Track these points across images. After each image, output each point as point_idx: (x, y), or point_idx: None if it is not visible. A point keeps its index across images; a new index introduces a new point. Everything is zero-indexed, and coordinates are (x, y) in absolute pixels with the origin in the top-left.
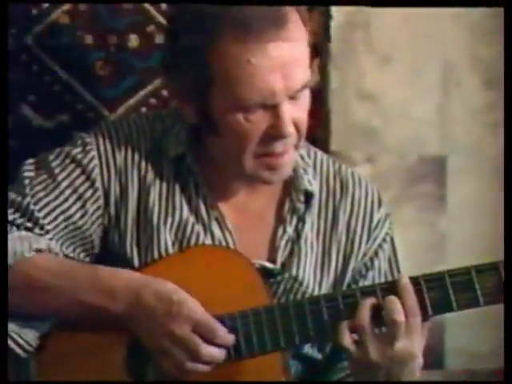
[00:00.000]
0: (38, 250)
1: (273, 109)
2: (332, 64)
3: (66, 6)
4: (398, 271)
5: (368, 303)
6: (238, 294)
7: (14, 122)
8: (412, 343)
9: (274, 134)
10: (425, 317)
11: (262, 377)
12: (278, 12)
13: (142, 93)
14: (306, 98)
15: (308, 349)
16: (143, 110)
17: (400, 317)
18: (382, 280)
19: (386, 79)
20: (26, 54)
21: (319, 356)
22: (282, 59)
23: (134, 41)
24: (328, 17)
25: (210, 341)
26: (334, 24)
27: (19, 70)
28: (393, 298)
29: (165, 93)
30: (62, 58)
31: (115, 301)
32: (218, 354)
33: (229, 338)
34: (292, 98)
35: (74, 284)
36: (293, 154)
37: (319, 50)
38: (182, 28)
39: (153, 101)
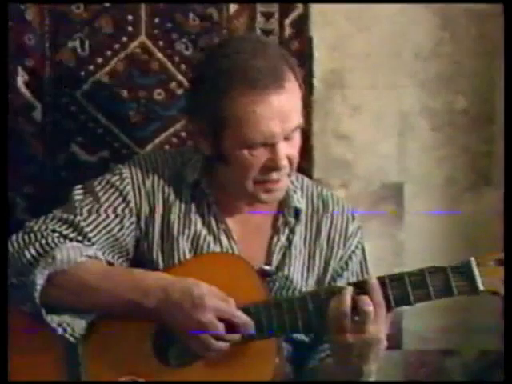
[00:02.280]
0: (88, 257)
1: (271, 146)
2: (314, 112)
3: (107, 69)
4: (367, 272)
5: (350, 291)
6: (241, 290)
7: (65, 158)
8: (379, 329)
9: (271, 166)
10: (388, 309)
11: (259, 357)
12: (278, 72)
13: (165, 134)
14: (297, 138)
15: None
16: (166, 147)
17: (369, 307)
18: (355, 279)
19: (357, 124)
20: (76, 106)
21: (306, 338)
22: (280, 108)
23: (159, 94)
24: (311, 75)
25: (229, 322)
26: (316, 82)
27: (70, 118)
28: (364, 296)
29: (183, 134)
30: (104, 108)
31: (147, 297)
32: (236, 334)
33: (244, 318)
34: (287, 138)
35: (115, 284)
36: (286, 181)
37: (305, 101)
38: (201, 82)
39: (174, 140)
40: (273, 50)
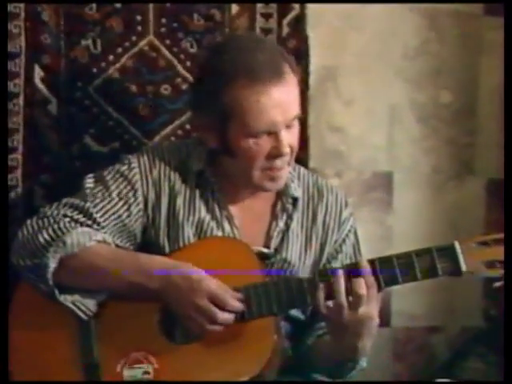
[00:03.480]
0: (96, 241)
1: (274, 135)
2: (310, 105)
3: (117, 65)
4: (360, 254)
5: (341, 278)
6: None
7: (79, 149)
8: (371, 308)
9: (275, 153)
10: (379, 289)
11: (258, 334)
12: (278, 66)
13: (171, 126)
14: (297, 128)
15: (294, 312)
16: (172, 139)
17: (363, 290)
18: (348, 261)
19: (349, 117)
20: (88, 100)
21: (302, 317)
22: (281, 99)
23: (166, 89)
24: (307, 71)
25: (223, 308)
26: (311, 77)
27: (83, 111)
28: (358, 279)
29: (188, 127)
30: (114, 102)
31: (151, 279)
32: (229, 318)
33: (237, 305)
34: (288, 127)
35: (121, 267)
36: (287, 169)
37: (301, 95)
38: (206, 77)
39: (179, 132)
40: (270, 45)
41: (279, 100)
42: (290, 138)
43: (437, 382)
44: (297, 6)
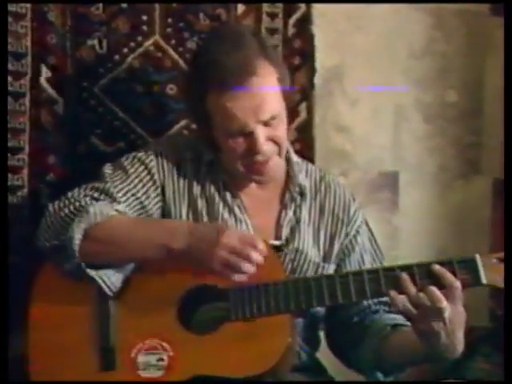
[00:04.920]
0: (118, 211)
1: (250, 134)
2: (316, 105)
3: (123, 65)
4: (379, 248)
5: (407, 277)
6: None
7: (85, 149)
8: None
9: (252, 150)
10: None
11: (273, 334)
12: (249, 67)
13: (177, 126)
14: (281, 121)
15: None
16: None
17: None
18: (369, 255)
19: (355, 116)
20: (94, 100)
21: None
22: (250, 100)
23: (171, 89)
24: (313, 71)
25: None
26: (317, 77)
27: (89, 111)
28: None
29: (193, 126)
30: (120, 102)
31: (175, 239)
32: (251, 268)
33: (259, 259)
34: (266, 124)
35: (145, 231)
36: (277, 160)
37: (307, 95)
38: (186, 83)
39: (185, 132)
40: (247, 43)
41: (248, 103)
42: (271, 133)
43: (443, 382)
44: (303, 6)
